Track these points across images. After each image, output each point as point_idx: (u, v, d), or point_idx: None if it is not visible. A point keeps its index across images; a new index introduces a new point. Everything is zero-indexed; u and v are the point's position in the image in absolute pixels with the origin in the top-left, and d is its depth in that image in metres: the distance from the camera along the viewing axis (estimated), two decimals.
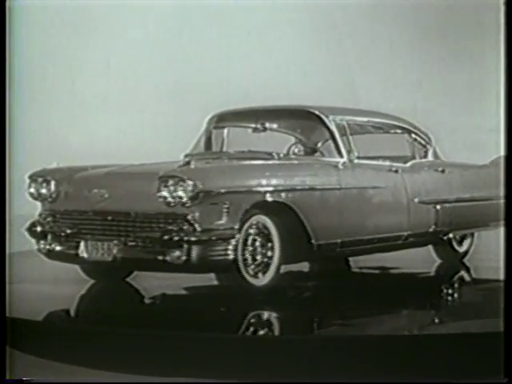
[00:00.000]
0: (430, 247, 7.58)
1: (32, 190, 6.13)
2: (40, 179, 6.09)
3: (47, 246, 6.00)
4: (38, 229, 5.99)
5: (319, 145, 6.89)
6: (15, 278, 5.92)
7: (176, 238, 5.27)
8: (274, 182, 5.75)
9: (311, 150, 6.50)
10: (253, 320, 5.32)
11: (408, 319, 5.57)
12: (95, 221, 5.71)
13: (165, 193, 5.38)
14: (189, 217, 5.32)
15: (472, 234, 7.79)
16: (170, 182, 5.35)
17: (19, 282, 6.12)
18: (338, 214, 6.13)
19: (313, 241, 5.85)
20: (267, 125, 6.68)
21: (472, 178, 7.71)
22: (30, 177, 6.17)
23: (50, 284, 6.56)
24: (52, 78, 10.77)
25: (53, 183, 6.03)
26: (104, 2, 10.31)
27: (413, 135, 7.30)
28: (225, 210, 5.39)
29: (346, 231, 6.19)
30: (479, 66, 8.05)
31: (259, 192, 5.59)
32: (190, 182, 5.28)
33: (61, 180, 6.03)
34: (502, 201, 7.79)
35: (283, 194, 5.71)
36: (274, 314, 5.51)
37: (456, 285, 6.95)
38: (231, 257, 5.42)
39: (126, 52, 10.63)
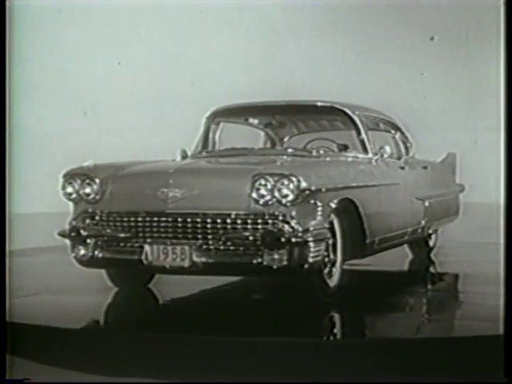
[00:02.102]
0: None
1: (70, 189, 5.44)
2: (80, 178, 5.42)
3: (89, 253, 5.35)
4: (84, 233, 5.31)
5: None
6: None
7: (283, 240, 4.90)
8: (347, 179, 5.58)
9: (343, 147, 6.34)
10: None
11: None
12: (163, 223, 5.17)
13: (262, 191, 4.99)
14: (288, 216, 4.98)
15: (436, 230, 8.00)
16: (270, 179, 4.98)
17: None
18: (378, 211, 6.06)
19: (367, 239, 5.74)
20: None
21: (439, 175, 7.94)
22: (66, 175, 5.48)
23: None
24: (52, 77, 9.83)
25: (97, 182, 5.39)
26: (104, 2, 9.56)
27: (398, 132, 7.36)
28: (319, 209, 5.12)
29: (383, 228, 6.13)
30: (479, 66, 8.25)
31: (340, 189, 5.38)
32: (294, 179, 4.94)
33: (106, 178, 5.40)
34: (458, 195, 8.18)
35: (352, 192, 5.55)
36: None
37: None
38: (321, 258, 5.18)
39: (126, 51, 9.91)
